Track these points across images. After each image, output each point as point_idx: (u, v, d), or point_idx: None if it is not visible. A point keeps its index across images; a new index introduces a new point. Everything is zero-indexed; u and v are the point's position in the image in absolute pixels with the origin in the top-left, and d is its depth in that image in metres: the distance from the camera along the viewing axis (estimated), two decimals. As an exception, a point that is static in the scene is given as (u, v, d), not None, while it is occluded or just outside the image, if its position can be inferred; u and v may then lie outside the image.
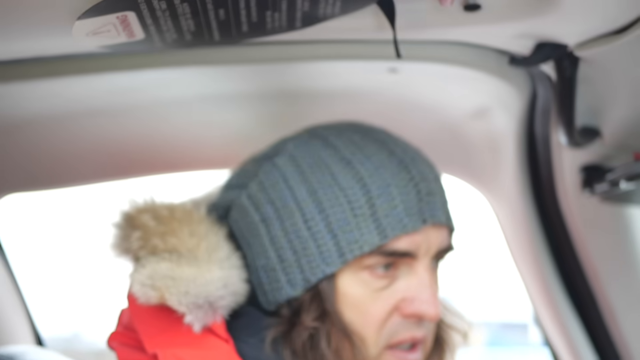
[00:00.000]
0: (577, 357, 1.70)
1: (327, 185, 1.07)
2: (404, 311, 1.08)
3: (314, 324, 1.06)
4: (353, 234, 1.05)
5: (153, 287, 1.03)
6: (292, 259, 1.08)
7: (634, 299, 1.61)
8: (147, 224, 1.10)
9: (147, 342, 1.05)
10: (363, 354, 1.07)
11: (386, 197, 1.06)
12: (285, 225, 1.09)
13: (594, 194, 1.45)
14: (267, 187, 1.12)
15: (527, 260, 1.70)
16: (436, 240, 1.11)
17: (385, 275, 1.08)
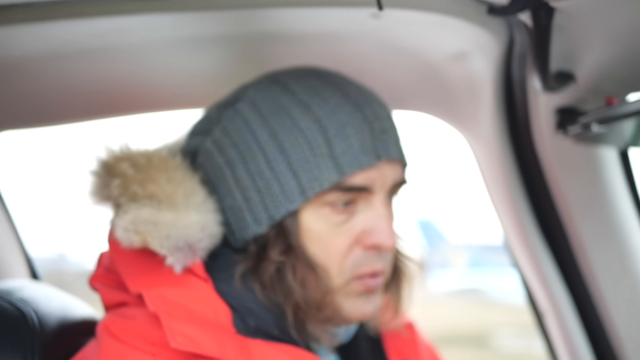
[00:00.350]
0: (549, 290, 1.78)
1: (287, 127, 1.12)
2: (364, 243, 1.15)
3: (280, 258, 1.12)
4: (313, 172, 1.11)
5: (136, 231, 1.08)
6: (256, 198, 1.13)
7: (603, 234, 1.69)
8: (126, 172, 1.14)
9: (131, 284, 1.11)
10: (327, 284, 1.14)
11: (342, 136, 1.12)
12: (248, 166, 1.14)
13: (568, 135, 1.50)
14: (230, 132, 1.16)
15: (502, 197, 1.76)
16: (391, 175, 1.16)
17: (345, 210, 1.14)
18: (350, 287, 1.16)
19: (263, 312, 1.11)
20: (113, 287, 1.16)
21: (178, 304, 1.07)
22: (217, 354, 1.02)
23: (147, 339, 1.05)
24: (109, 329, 1.08)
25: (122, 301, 1.14)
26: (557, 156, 1.59)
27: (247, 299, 1.11)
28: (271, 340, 1.10)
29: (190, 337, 1.02)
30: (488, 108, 1.60)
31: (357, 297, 1.17)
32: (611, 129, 1.41)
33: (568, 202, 1.65)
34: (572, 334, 1.79)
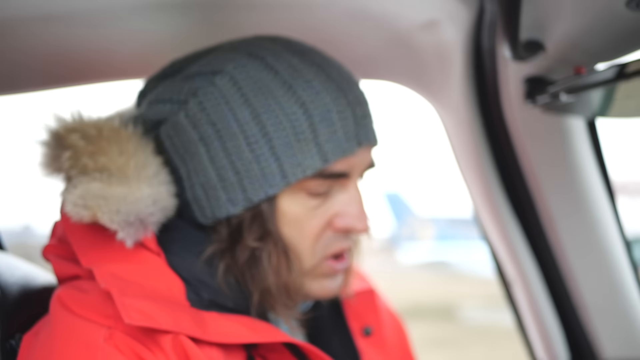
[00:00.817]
0: (516, 259, 1.80)
1: (271, 109, 1.09)
2: (336, 226, 1.15)
3: (256, 244, 1.11)
4: (296, 158, 1.09)
5: (85, 206, 1.05)
6: (233, 179, 1.11)
7: (570, 203, 1.70)
8: (77, 143, 1.11)
9: (82, 258, 1.09)
10: (299, 269, 1.14)
11: (327, 122, 1.10)
12: (226, 146, 1.11)
13: (536, 105, 1.50)
14: (207, 108, 1.12)
15: (470, 167, 1.77)
16: (366, 160, 1.17)
17: (321, 194, 1.14)
18: (319, 269, 1.16)
19: (216, 285, 1.11)
20: (66, 259, 1.14)
21: (129, 279, 1.05)
22: (172, 327, 1.01)
23: (102, 312, 1.03)
24: (62, 301, 1.06)
25: (75, 274, 1.13)
26: (525, 126, 1.60)
27: (201, 272, 1.10)
28: (226, 312, 1.09)
29: (143, 311, 1.00)
30: (457, 77, 1.60)
31: (324, 278, 1.17)
32: (579, 98, 1.42)
33: (536, 172, 1.66)
34: (539, 303, 1.82)
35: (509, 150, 1.67)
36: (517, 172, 1.70)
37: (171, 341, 1.00)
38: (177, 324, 1.01)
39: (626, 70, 1.27)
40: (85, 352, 0.99)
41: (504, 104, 1.59)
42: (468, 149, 1.73)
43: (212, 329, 1.04)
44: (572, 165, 1.66)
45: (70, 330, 1.02)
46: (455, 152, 1.82)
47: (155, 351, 1.00)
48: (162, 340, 1.00)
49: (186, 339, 1.01)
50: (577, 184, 1.68)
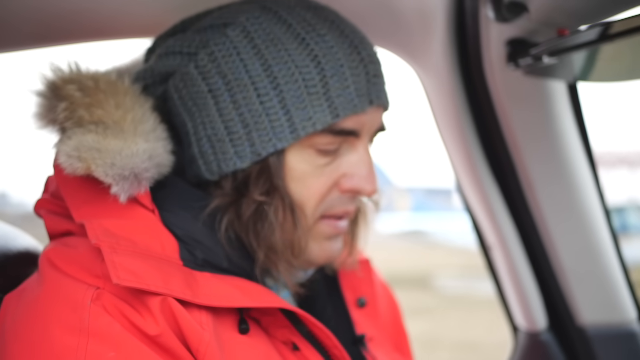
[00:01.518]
0: (496, 224, 1.80)
1: (283, 62, 1.08)
2: (343, 186, 1.13)
3: (263, 198, 1.09)
4: (307, 111, 1.07)
5: (79, 158, 1.03)
6: (242, 131, 1.09)
7: (550, 168, 1.70)
8: (73, 94, 1.09)
9: (75, 212, 1.07)
10: (304, 227, 1.12)
11: (339, 77, 1.08)
12: (236, 98, 1.09)
13: (518, 67, 1.49)
14: (218, 59, 1.11)
15: (452, 131, 1.76)
16: (377, 120, 1.15)
17: (329, 153, 1.12)
18: (318, 228, 1.14)
19: (212, 243, 1.09)
20: (59, 214, 1.12)
21: (122, 236, 1.03)
22: (161, 289, 0.99)
23: (91, 271, 1.01)
24: (50, 259, 1.04)
25: (67, 230, 1.10)
26: (507, 89, 1.59)
27: (195, 230, 1.08)
28: (220, 273, 1.08)
29: (133, 271, 0.98)
30: (440, 39, 1.58)
31: (324, 239, 1.16)
32: (562, 60, 1.41)
33: (517, 136, 1.66)
34: (518, 268, 1.82)
35: (490, 113, 1.66)
36: (498, 136, 1.69)
37: (160, 303, 0.98)
38: (167, 285, 1.00)
39: (609, 31, 1.26)
40: (71, 313, 0.97)
41: (485, 67, 1.57)
42: (449, 112, 1.71)
43: (204, 291, 1.02)
44: (553, 130, 1.66)
45: (57, 289, 1.00)
46: (436, 116, 1.80)
47: (143, 313, 0.98)
48: (150, 302, 0.99)
49: (175, 302, 0.99)
50: (557, 149, 1.68)
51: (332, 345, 1.10)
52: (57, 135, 1.12)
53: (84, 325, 0.96)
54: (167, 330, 0.98)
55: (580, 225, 1.75)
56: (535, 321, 1.87)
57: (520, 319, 1.93)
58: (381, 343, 1.30)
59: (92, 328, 0.95)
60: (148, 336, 0.97)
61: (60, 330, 0.96)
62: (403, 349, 1.43)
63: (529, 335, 1.91)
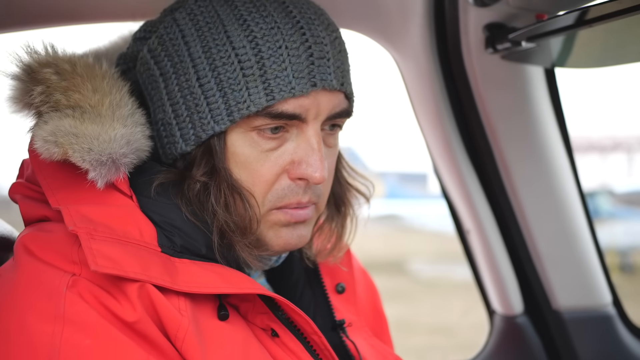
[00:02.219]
0: (473, 209, 1.81)
1: (221, 43, 1.07)
2: (292, 174, 1.11)
3: (203, 178, 1.08)
4: (242, 94, 1.06)
5: (56, 143, 1.01)
6: (185, 114, 1.09)
7: (527, 152, 1.71)
8: (50, 78, 1.07)
9: (51, 198, 1.05)
10: (256, 212, 1.10)
11: (276, 58, 1.06)
12: (180, 81, 1.09)
13: (497, 52, 1.49)
14: (166, 42, 1.11)
15: (429, 116, 1.76)
16: (327, 104, 1.11)
17: (274, 137, 1.09)
18: (272, 217, 1.12)
19: (190, 230, 1.07)
20: (34, 200, 1.10)
21: (99, 222, 1.01)
22: (140, 276, 0.97)
23: (67, 256, 0.99)
24: (26, 246, 1.02)
25: (43, 215, 1.08)
26: (485, 73, 1.59)
27: (174, 216, 1.07)
28: (199, 260, 1.06)
29: (111, 258, 0.97)
30: (418, 24, 1.57)
31: (281, 227, 1.13)
32: (539, 45, 1.41)
33: (494, 121, 1.66)
34: (494, 252, 1.83)
35: (468, 98, 1.66)
36: (475, 121, 1.69)
37: (137, 289, 0.97)
38: (146, 272, 0.98)
39: (587, 16, 1.26)
40: (46, 301, 0.96)
41: (464, 52, 1.57)
42: (426, 97, 1.71)
43: (183, 277, 1.01)
44: (530, 115, 1.66)
45: (33, 276, 0.99)
46: (413, 100, 1.80)
47: (120, 299, 0.97)
48: (128, 289, 0.97)
49: (153, 289, 0.98)
50: (534, 134, 1.69)
51: (311, 331, 1.10)
52: (33, 120, 1.10)
53: (60, 312, 0.94)
54: (144, 316, 0.97)
55: (556, 209, 1.76)
56: (512, 305, 1.88)
57: (496, 303, 1.94)
58: (360, 328, 1.29)
59: (67, 316, 0.94)
60: (125, 323, 0.96)
61: (35, 318, 0.94)
62: (382, 334, 1.43)
63: (505, 319, 1.93)
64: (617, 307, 1.87)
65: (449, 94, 1.69)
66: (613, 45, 1.47)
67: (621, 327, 1.85)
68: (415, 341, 8.91)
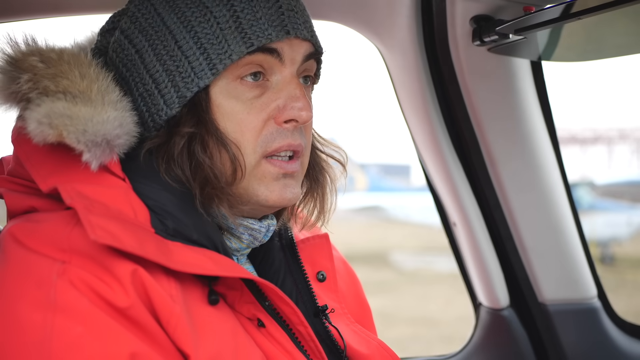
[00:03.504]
0: (459, 202, 1.80)
1: (195, 5, 1.11)
2: (278, 118, 1.13)
3: (190, 129, 1.10)
4: (222, 46, 1.10)
5: (50, 125, 1.01)
6: (167, 80, 1.12)
7: (513, 146, 1.71)
8: (36, 65, 1.07)
9: (42, 183, 1.04)
10: (241, 162, 1.12)
11: (249, 10, 1.11)
12: (158, 50, 1.12)
13: (484, 44, 1.49)
14: (138, 18, 1.15)
15: (415, 108, 1.75)
16: (301, 50, 1.15)
17: (257, 85, 1.13)
18: (263, 169, 1.13)
19: (182, 215, 1.08)
20: (20, 192, 1.09)
21: (95, 199, 1.01)
22: (137, 250, 0.97)
23: (57, 244, 0.98)
24: (14, 235, 1.01)
25: (30, 206, 1.07)
26: (471, 66, 1.59)
27: (166, 202, 1.08)
28: (190, 244, 1.06)
29: (109, 230, 0.96)
30: (405, 17, 1.56)
31: (272, 180, 1.14)
32: (527, 38, 1.41)
33: (480, 113, 1.66)
34: (480, 245, 1.83)
35: (454, 90, 1.65)
36: (461, 114, 1.69)
37: (130, 274, 0.97)
38: (142, 247, 0.98)
39: (574, 9, 1.26)
40: (37, 289, 0.95)
41: (450, 44, 1.57)
42: (413, 89, 1.70)
43: (177, 257, 1.01)
44: (516, 107, 1.66)
45: (22, 265, 0.98)
46: (399, 93, 1.79)
47: (112, 285, 0.96)
48: (120, 273, 0.96)
49: (146, 274, 0.98)
50: (520, 126, 1.69)
51: (297, 322, 1.10)
52: (19, 109, 1.09)
53: (50, 300, 0.94)
54: (137, 302, 0.96)
55: (542, 202, 1.76)
56: (498, 298, 1.89)
57: (482, 296, 1.94)
58: (342, 315, 1.30)
59: (58, 303, 0.93)
60: (117, 309, 0.95)
61: (26, 306, 0.94)
62: (367, 322, 1.43)
63: (491, 312, 1.93)
64: (602, 299, 1.88)
65: (436, 86, 1.69)
66: (597, 39, 1.48)
67: (606, 319, 1.86)
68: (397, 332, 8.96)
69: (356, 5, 1.58)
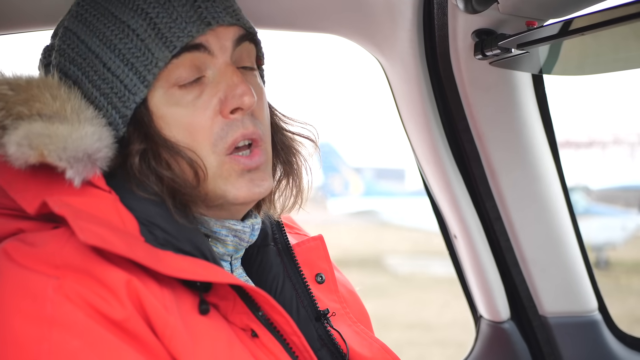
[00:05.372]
0: (459, 214, 1.80)
1: (112, 24, 1.12)
2: (224, 111, 1.13)
3: (140, 146, 1.10)
4: (146, 56, 1.10)
5: (30, 145, 1.01)
6: (105, 103, 1.12)
7: (514, 159, 1.71)
8: (6, 94, 1.08)
9: (28, 205, 1.04)
10: (200, 164, 1.12)
11: (164, 13, 1.11)
12: (90, 76, 1.13)
13: (485, 58, 1.48)
14: (65, 51, 1.16)
15: (416, 120, 1.75)
16: (229, 36, 1.15)
17: (194, 85, 1.12)
18: (226, 167, 1.13)
19: (169, 226, 1.08)
20: (5, 216, 1.09)
21: (83, 210, 1.02)
22: (126, 253, 0.98)
23: (50, 261, 0.98)
24: (7, 253, 1.01)
25: (18, 229, 1.07)
26: (473, 79, 1.58)
27: (154, 214, 1.08)
28: (180, 253, 1.06)
29: (99, 233, 0.97)
30: (407, 30, 1.56)
31: (237, 177, 1.14)
32: (529, 53, 1.41)
33: (481, 126, 1.66)
34: (481, 257, 1.83)
35: (456, 103, 1.65)
36: (462, 126, 1.69)
37: (125, 285, 0.97)
38: (132, 250, 0.98)
39: (577, 25, 1.26)
40: (32, 304, 0.95)
41: (452, 57, 1.56)
42: (413, 101, 1.70)
43: (167, 263, 1.02)
44: (517, 120, 1.66)
45: (17, 281, 0.98)
46: (399, 105, 1.79)
47: (107, 298, 0.96)
48: (116, 285, 0.97)
49: (140, 285, 0.98)
50: (521, 139, 1.69)
51: (291, 332, 1.10)
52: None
53: (47, 314, 0.94)
54: (133, 314, 0.96)
55: (543, 215, 1.76)
56: (498, 311, 1.88)
57: (483, 309, 1.94)
58: (343, 316, 1.30)
59: (55, 317, 0.94)
60: (114, 322, 0.95)
61: (21, 322, 0.94)
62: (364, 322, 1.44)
63: (491, 325, 1.93)
64: (603, 312, 1.88)
65: (436, 98, 1.69)
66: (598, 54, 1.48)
67: (607, 332, 1.86)
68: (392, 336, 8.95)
69: (358, 19, 1.58)
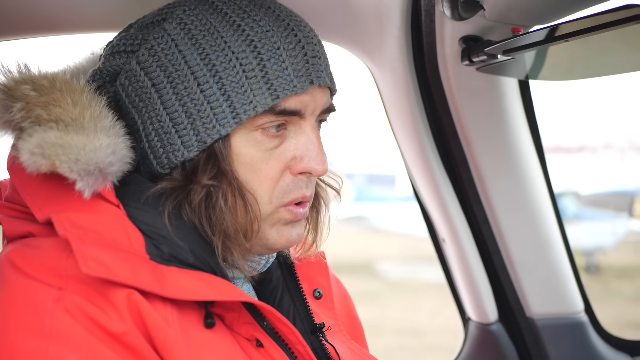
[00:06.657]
0: (448, 218, 1.82)
1: (220, 49, 1.09)
2: (294, 169, 1.13)
3: (211, 182, 1.10)
4: (247, 95, 1.08)
5: (43, 155, 1.01)
6: (186, 121, 1.10)
7: (501, 163, 1.73)
8: (28, 94, 1.07)
9: (37, 212, 1.05)
10: (257, 212, 1.12)
11: (276, 59, 1.09)
12: (178, 89, 1.10)
13: (472, 64, 1.51)
14: (158, 52, 1.12)
15: (405, 126, 1.77)
16: (321, 100, 1.15)
17: (276, 135, 1.12)
18: (278, 215, 1.15)
19: (177, 239, 1.08)
20: (17, 218, 1.09)
21: (89, 228, 1.02)
22: (130, 281, 0.98)
23: (54, 270, 0.99)
24: (11, 260, 1.01)
25: (27, 232, 1.08)
26: (460, 85, 1.61)
27: (161, 226, 1.08)
28: (186, 268, 1.07)
29: (102, 262, 0.97)
30: (395, 36, 1.58)
31: (283, 225, 1.16)
32: (515, 58, 1.43)
33: (469, 131, 1.68)
34: (469, 261, 1.85)
35: (443, 109, 1.68)
36: (450, 131, 1.71)
37: (126, 299, 0.98)
38: (135, 277, 0.99)
39: (561, 31, 1.28)
40: (31, 315, 0.95)
41: (440, 63, 1.59)
42: (402, 107, 1.72)
43: (171, 284, 1.02)
44: (504, 125, 1.68)
45: (17, 291, 0.98)
46: (388, 111, 1.81)
47: (107, 311, 0.97)
48: (116, 298, 0.97)
49: (141, 298, 0.99)
50: (508, 144, 1.71)
51: (296, 341, 1.11)
52: (12, 137, 1.09)
53: (45, 327, 0.94)
54: (132, 327, 0.97)
55: (530, 218, 1.78)
56: (486, 313, 1.91)
57: (471, 311, 1.96)
58: (338, 332, 1.31)
59: (53, 330, 0.94)
60: (112, 335, 0.96)
61: (20, 332, 0.94)
62: (359, 339, 1.45)
63: (479, 327, 1.95)
64: (589, 314, 1.90)
65: (425, 104, 1.71)
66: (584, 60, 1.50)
67: (593, 334, 1.89)
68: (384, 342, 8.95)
69: (347, 25, 1.60)
